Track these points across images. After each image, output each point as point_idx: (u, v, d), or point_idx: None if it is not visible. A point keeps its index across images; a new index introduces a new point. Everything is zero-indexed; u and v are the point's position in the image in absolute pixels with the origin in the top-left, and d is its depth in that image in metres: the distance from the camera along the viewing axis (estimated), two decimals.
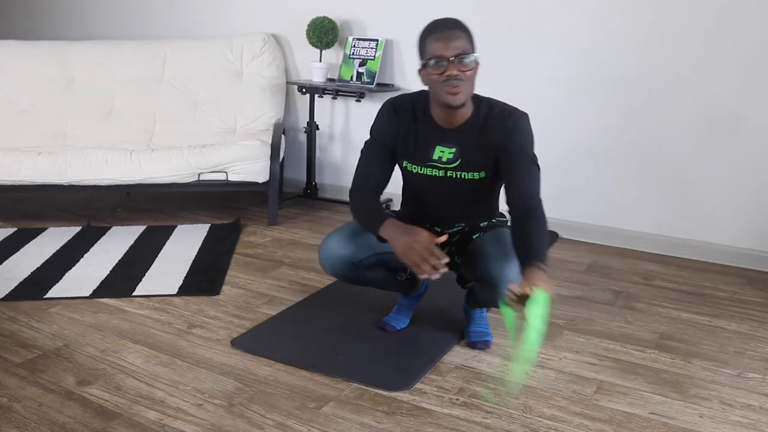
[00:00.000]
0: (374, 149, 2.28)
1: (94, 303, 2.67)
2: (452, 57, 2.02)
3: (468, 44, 2.07)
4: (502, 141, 2.14)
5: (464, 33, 2.08)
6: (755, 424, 1.95)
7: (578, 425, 1.92)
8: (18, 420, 1.87)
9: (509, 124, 2.14)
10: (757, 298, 2.91)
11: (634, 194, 3.49)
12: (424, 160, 2.21)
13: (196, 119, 4.14)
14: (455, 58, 2.02)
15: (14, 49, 4.28)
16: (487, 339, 2.37)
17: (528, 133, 2.17)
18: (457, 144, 2.17)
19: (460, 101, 2.07)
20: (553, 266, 3.19)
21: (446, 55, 2.02)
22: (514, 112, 2.17)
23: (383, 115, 2.27)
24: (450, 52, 2.02)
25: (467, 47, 2.06)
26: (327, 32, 3.95)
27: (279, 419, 1.90)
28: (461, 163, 2.18)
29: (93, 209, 3.76)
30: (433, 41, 2.05)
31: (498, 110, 2.17)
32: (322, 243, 2.27)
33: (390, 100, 2.27)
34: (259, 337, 2.40)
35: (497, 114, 2.16)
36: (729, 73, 3.19)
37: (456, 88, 2.04)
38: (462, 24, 2.11)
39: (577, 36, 3.49)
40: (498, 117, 2.15)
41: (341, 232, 2.27)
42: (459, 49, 2.03)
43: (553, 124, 3.59)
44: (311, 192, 4.29)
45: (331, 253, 2.24)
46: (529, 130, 2.18)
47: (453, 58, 2.02)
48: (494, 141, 2.14)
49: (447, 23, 2.10)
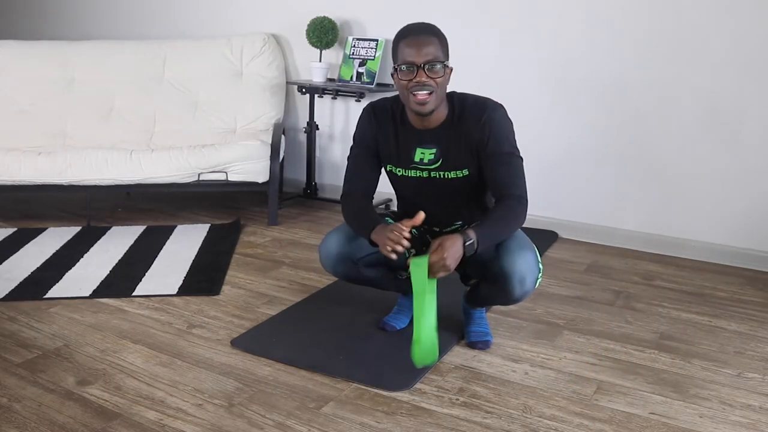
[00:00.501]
0: (360, 153, 2.28)
1: (94, 303, 2.67)
2: (422, 63, 2.01)
3: (440, 51, 2.04)
4: (477, 137, 2.12)
5: (437, 38, 2.05)
6: (755, 424, 1.95)
7: (578, 425, 1.92)
8: (18, 420, 1.87)
9: (483, 119, 2.11)
10: (757, 298, 2.91)
11: (634, 194, 3.49)
12: (407, 162, 2.21)
13: (196, 119, 4.14)
14: (425, 64, 2.01)
15: (14, 49, 4.28)
16: (487, 339, 2.37)
17: (504, 126, 2.13)
18: (436, 144, 2.16)
19: (428, 109, 2.07)
20: (553, 266, 3.20)
21: (416, 61, 2.01)
22: (486, 106, 2.13)
23: (364, 121, 2.27)
24: (420, 58, 2.01)
25: (438, 54, 2.03)
26: (327, 32, 3.95)
27: (279, 419, 1.90)
28: (443, 162, 2.17)
29: (93, 209, 3.76)
30: (405, 46, 2.04)
31: (470, 106, 2.14)
32: (322, 241, 2.27)
33: (370, 104, 2.27)
34: (259, 337, 2.40)
35: (469, 110, 2.14)
36: (729, 73, 3.19)
37: (424, 96, 2.03)
38: (435, 29, 2.08)
39: (576, 36, 3.48)
40: (471, 113, 2.13)
41: (341, 230, 2.27)
42: (430, 56, 2.01)
43: (552, 123, 3.59)
44: (311, 192, 4.29)
45: (331, 251, 2.24)
46: (505, 121, 2.14)
47: (423, 64, 2.01)
48: (471, 137, 2.13)
49: (420, 28, 2.07)
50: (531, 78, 3.62)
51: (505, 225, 2.08)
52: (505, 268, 2.07)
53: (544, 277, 3.01)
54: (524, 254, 2.08)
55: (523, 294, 2.12)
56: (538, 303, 2.75)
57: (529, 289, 2.11)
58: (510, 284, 2.09)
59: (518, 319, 2.60)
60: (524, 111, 3.58)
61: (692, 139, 3.32)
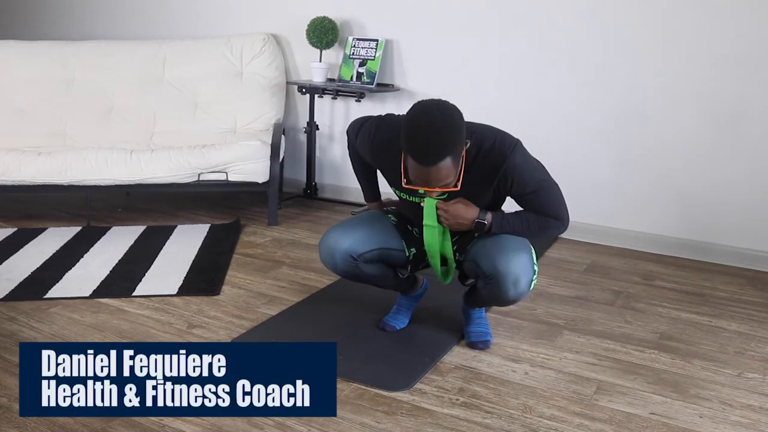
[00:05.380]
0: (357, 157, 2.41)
1: (94, 303, 2.67)
2: (435, 186, 1.97)
3: (452, 167, 1.91)
4: (499, 185, 2.07)
5: (449, 155, 1.88)
6: (755, 424, 1.95)
7: (578, 425, 1.92)
8: (18, 420, 1.86)
9: (503, 169, 2.02)
10: (757, 298, 2.91)
11: (634, 194, 3.49)
12: (412, 193, 2.18)
13: (196, 119, 4.14)
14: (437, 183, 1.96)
15: (14, 49, 4.28)
16: (487, 339, 2.37)
17: (525, 168, 2.05)
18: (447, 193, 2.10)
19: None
20: (553, 266, 3.20)
21: (429, 190, 1.99)
22: (505, 155, 2.01)
23: (364, 143, 2.26)
24: (432, 186, 1.96)
25: (450, 174, 1.93)
26: (327, 32, 3.95)
27: (279, 419, 1.90)
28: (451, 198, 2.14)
29: (93, 209, 3.76)
30: (415, 168, 1.92)
31: (486, 151, 2.03)
32: (322, 237, 2.27)
33: (370, 138, 2.22)
34: (259, 337, 2.40)
35: (486, 156, 2.03)
36: (731, 73, 3.19)
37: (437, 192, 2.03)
38: (446, 143, 1.88)
39: (577, 36, 3.48)
40: (489, 161, 2.03)
41: (341, 226, 2.27)
42: (441, 181, 1.94)
43: (552, 124, 3.59)
44: (311, 192, 4.29)
45: (331, 246, 2.24)
46: (525, 162, 2.05)
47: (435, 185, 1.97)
48: (489, 183, 2.07)
49: (431, 153, 1.87)
50: (530, 77, 3.62)
51: (524, 228, 2.12)
52: (499, 269, 2.07)
53: (544, 277, 3.01)
54: (519, 255, 2.08)
55: (518, 295, 2.12)
56: (538, 303, 2.75)
57: (523, 291, 2.11)
58: (504, 285, 2.08)
59: (518, 319, 2.60)
60: (523, 111, 3.58)
61: (692, 139, 3.32)
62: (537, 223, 2.13)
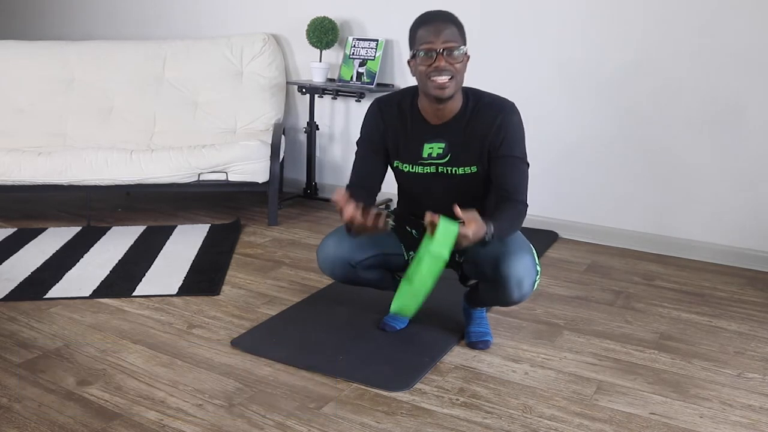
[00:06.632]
0: (366, 149, 2.29)
1: (94, 303, 2.67)
2: (441, 48, 2.02)
3: (458, 36, 2.06)
4: (490, 138, 2.13)
5: (455, 25, 2.07)
6: (755, 424, 1.95)
7: (578, 425, 1.92)
8: (18, 420, 1.87)
9: (498, 120, 2.12)
10: (757, 298, 2.91)
11: (634, 194, 3.49)
12: (415, 158, 2.21)
13: (196, 119, 4.14)
14: (444, 50, 2.02)
15: (14, 49, 4.28)
16: (487, 339, 2.37)
17: (517, 129, 2.15)
18: (445, 139, 2.16)
19: (448, 94, 2.07)
20: (553, 266, 3.20)
21: (435, 46, 2.02)
22: (503, 107, 2.14)
23: (370, 116, 2.27)
24: (439, 43, 2.02)
25: (457, 39, 2.05)
26: (327, 32, 3.95)
27: (279, 419, 1.90)
28: (451, 158, 2.17)
29: (93, 209, 3.76)
30: (423, 32, 2.05)
31: (485, 103, 2.15)
32: (320, 245, 2.27)
33: (377, 100, 2.27)
34: (259, 337, 2.40)
35: (484, 107, 2.14)
36: (730, 70, 3.19)
37: (444, 81, 2.03)
38: (453, 16, 2.10)
39: (577, 36, 3.48)
40: (486, 111, 2.13)
41: (339, 233, 2.26)
42: (448, 41, 2.03)
43: (552, 123, 3.59)
44: (311, 192, 4.29)
45: (328, 255, 2.24)
46: (519, 125, 2.16)
47: (442, 50, 2.02)
48: (482, 136, 2.13)
49: (438, 15, 2.09)
50: (531, 77, 3.62)
51: (511, 226, 2.11)
52: (503, 271, 2.07)
53: (545, 277, 3.01)
54: (522, 257, 2.08)
55: (522, 297, 2.12)
56: (538, 303, 2.75)
57: (527, 292, 2.12)
58: (508, 287, 2.09)
59: (518, 319, 2.60)
60: (524, 111, 3.58)
61: (692, 139, 3.32)
62: (517, 218, 2.11)
